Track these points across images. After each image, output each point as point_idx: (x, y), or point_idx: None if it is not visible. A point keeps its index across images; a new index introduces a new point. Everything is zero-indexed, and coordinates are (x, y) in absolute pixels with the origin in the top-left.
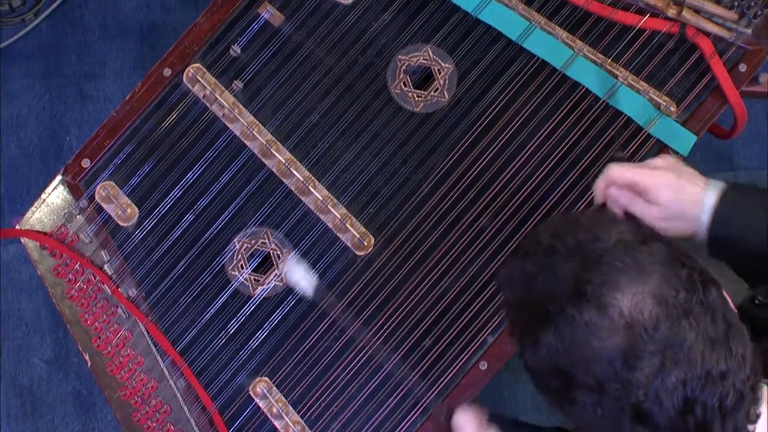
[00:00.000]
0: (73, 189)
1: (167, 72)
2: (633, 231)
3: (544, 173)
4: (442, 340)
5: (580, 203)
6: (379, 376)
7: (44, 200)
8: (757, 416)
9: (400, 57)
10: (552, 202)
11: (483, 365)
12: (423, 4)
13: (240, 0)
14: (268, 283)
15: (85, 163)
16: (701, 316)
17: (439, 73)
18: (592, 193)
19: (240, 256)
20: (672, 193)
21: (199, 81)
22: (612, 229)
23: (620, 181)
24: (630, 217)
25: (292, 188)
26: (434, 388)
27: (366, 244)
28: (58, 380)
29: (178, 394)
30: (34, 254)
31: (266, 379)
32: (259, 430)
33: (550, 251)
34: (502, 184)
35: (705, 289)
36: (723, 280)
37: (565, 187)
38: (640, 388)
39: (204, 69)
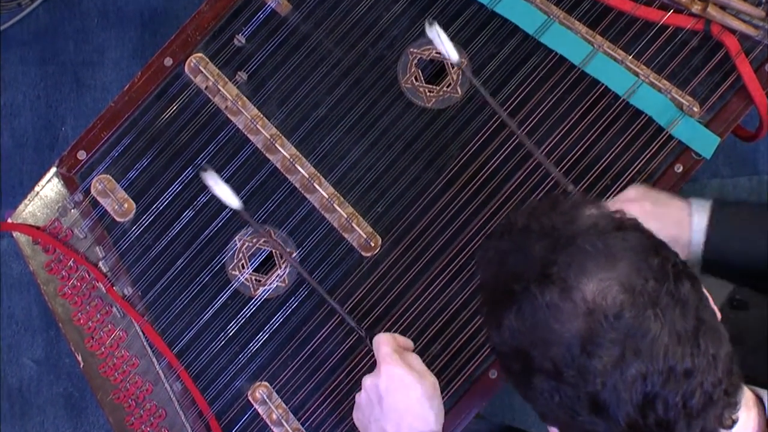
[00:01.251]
0: (68, 182)
1: (168, 61)
2: (610, 216)
3: (563, 170)
4: (451, 347)
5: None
6: None
7: (38, 193)
8: (734, 422)
9: (411, 50)
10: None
11: (493, 374)
12: None
13: None
14: (270, 283)
15: (81, 155)
16: (669, 308)
17: (452, 67)
18: (609, 197)
19: (241, 255)
20: (654, 222)
21: (202, 71)
22: (588, 213)
23: None
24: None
25: (297, 185)
26: (442, 396)
27: (373, 244)
28: (48, 381)
29: (174, 398)
30: (27, 249)
31: (266, 383)
32: None
33: (525, 231)
34: (516, 184)
35: (677, 281)
36: (703, 282)
37: (582, 188)
38: (598, 376)
39: (207, 59)
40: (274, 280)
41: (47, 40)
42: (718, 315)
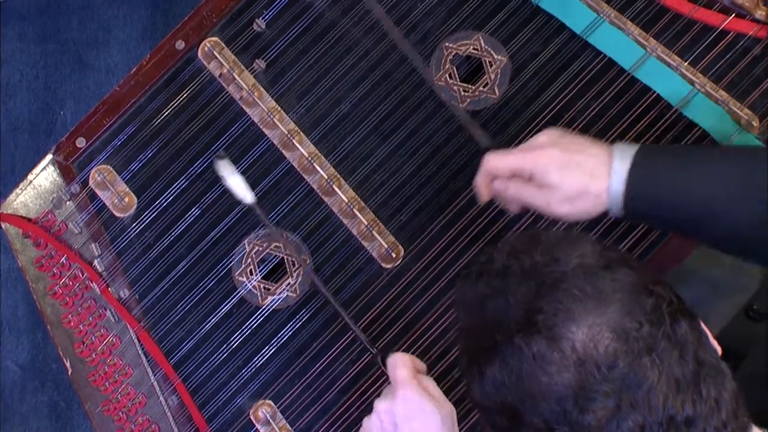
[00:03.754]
0: (65, 171)
1: (180, 45)
2: (597, 254)
3: None
4: None
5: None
6: None
7: (31, 182)
8: None
9: (446, 44)
10: (610, 220)
11: None
12: None
13: None
14: (280, 293)
15: (80, 142)
16: (667, 353)
17: (491, 65)
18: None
19: (250, 260)
20: (561, 170)
21: (216, 57)
22: (573, 251)
23: (501, 171)
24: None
25: (314, 186)
26: (461, 425)
27: (394, 255)
28: (33, 388)
29: (169, 413)
30: (16, 243)
31: (270, 402)
32: None
33: (504, 272)
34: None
35: (674, 322)
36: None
37: None
38: (592, 431)
39: (222, 44)
40: (284, 289)
41: (49, 16)
42: (718, 350)
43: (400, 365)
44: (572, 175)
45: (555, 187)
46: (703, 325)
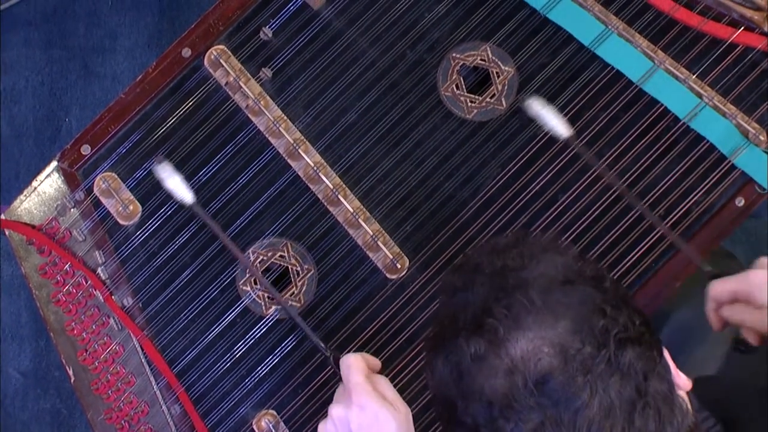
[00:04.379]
0: (69, 178)
1: (186, 52)
2: (565, 268)
3: (610, 200)
4: None
5: (649, 236)
6: None
7: (35, 188)
8: None
9: (454, 55)
10: (617, 233)
11: None
12: None
13: None
14: (284, 302)
15: (85, 149)
16: (604, 377)
17: (498, 76)
18: (660, 231)
19: (254, 269)
20: None
21: (223, 65)
22: (543, 260)
23: (722, 296)
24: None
25: (320, 196)
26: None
27: (399, 266)
28: (35, 395)
29: (172, 422)
30: (20, 249)
31: (273, 412)
32: None
33: (476, 269)
34: (560, 209)
35: (619, 348)
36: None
37: (634, 217)
38: None
39: (229, 52)
40: (288, 298)
41: (55, 22)
42: (685, 385)
43: (354, 369)
44: None
45: None
46: (667, 359)
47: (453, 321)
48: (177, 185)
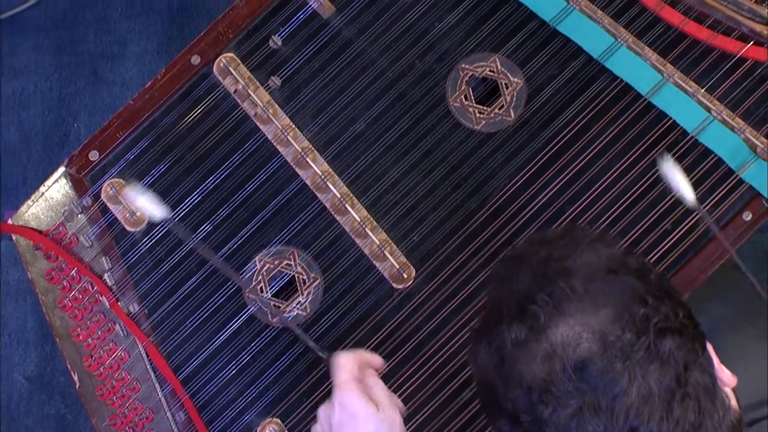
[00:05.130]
0: (77, 184)
1: (196, 59)
2: (609, 258)
3: (617, 213)
4: None
5: (658, 248)
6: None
7: (43, 194)
8: None
9: (463, 66)
10: (625, 245)
11: None
12: (495, 8)
13: None
14: (290, 311)
15: (93, 155)
16: (643, 364)
17: (507, 87)
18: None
19: (260, 277)
20: None
21: (232, 73)
22: (588, 250)
23: None
24: None
25: (327, 205)
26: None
27: (405, 276)
28: (40, 401)
29: (176, 429)
30: (26, 255)
31: (278, 420)
32: None
33: (521, 259)
34: (567, 221)
35: (658, 336)
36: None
37: (642, 229)
38: (552, 427)
39: (238, 60)
40: (294, 307)
41: (65, 27)
42: (730, 381)
43: (341, 367)
44: None
45: None
46: (710, 352)
47: (497, 309)
48: (148, 204)
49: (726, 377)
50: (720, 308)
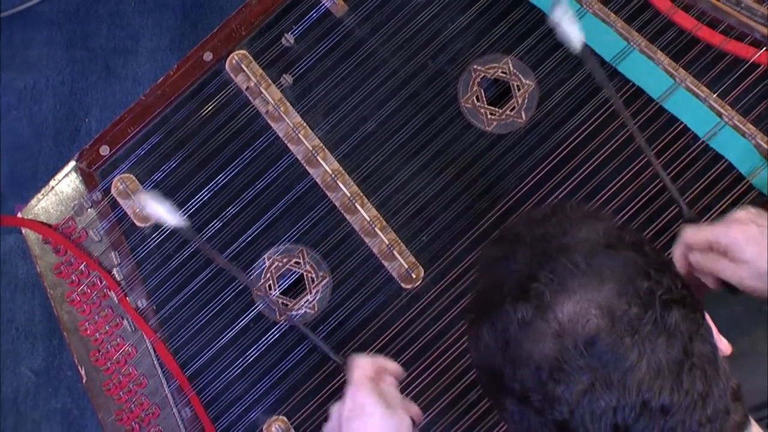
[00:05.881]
0: (87, 178)
1: (208, 56)
2: (607, 233)
3: (627, 216)
4: None
5: (667, 251)
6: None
7: (53, 187)
8: None
9: (475, 67)
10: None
11: None
12: (508, 10)
13: None
14: (298, 309)
15: (104, 150)
16: (651, 337)
17: (518, 89)
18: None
19: (269, 274)
20: (757, 248)
21: (244, 70)
22: (585, 226)
23: (698, 244)
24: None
25: (337, 204)
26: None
27: (414, 276)
28: (46, 394)
29: (182, 425)
30: (35, 248)
31: (284, 418)
32: None
33: (516, 238)
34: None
35: (664, 309)
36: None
37: (652, 233)
38: (565, 405)
39: (250, 57)
40: (302, 305)
41: (77, 22)
42: (725, 349)
43: (358, 366)
44: (765, 253)
45: (748, 262)
46: (708, 321)
47: (496, 290)
48: (163, 212)
49: (723, 346)
50: (731, 310)
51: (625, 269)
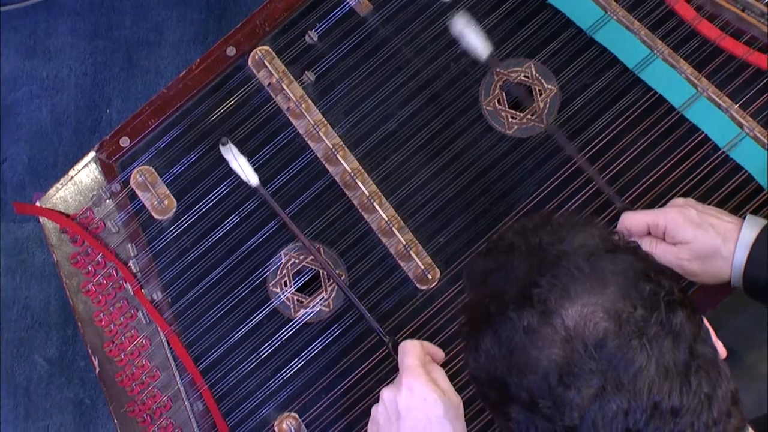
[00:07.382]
0: (107, 169)
1: (231, 51)
2: (602, 238)
3: None
4: None
5: None
6: None
7: (72, 177)
8: None
9: (498, 70)
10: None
11: None
12: (533, 14)
13: None
14: (313, 306)
15: (124, 141)
16: (658, 339)
17: (540, 94)
18: None
19: (285, 271)
20: (695, 228)
21: (266, 66)
22: (579, 233)
23: (636, 228)
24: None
25: (355, 203)
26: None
27: (430, 277)
28: (59, 384)
29: (193, 419)
30: (52, 237)
31: (295, 415)
32: None
33: (510, 249)
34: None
35: (669, 310)
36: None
37: None
38: (575, 409)
39: (273, 53)
40: (317, 303)
41: (102, 12)
42: (722, 352)
43: (409, 353)
44: (705, 234)
45: (687, 243)
46: (706, 323)
47: (494, 300)
48: (244, 165)
49: (720, 349)
50: (742, 322)
51: (626, 272)
